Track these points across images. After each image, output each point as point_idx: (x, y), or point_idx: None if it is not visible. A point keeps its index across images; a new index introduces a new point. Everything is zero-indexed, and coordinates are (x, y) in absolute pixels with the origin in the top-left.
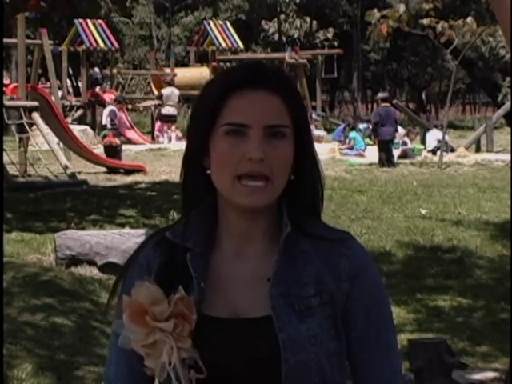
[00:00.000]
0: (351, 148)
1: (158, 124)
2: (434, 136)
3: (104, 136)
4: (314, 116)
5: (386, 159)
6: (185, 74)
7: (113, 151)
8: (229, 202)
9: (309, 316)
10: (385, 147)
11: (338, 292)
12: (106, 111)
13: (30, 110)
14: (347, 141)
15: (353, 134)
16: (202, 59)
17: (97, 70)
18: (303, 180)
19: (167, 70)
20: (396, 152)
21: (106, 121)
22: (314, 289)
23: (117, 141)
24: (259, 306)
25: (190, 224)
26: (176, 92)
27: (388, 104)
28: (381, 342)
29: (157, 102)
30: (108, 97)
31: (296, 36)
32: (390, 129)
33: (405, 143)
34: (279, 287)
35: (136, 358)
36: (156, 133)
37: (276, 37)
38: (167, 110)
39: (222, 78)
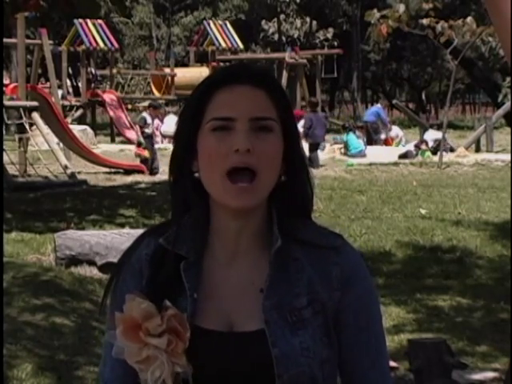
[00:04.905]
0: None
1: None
2: (430, 136)
3: (139, 144)
4: None
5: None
6: (185, 74)
7: (144, 162)
8: (219, 202)
9: (301, 328)
10: (315, 148)
11: (329, 301)
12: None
13: (30, 110)
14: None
15: (347, 137)
16: (202, 59)
17: (92, 70)
18: (292, 180)
19: (167, 70)
20: (399, 152)
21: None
22: (307, 298)
23: (146, 154)
24: (253, 319)
25: (183, 230)
26: None
27: (316, 109)
28: (371, 349)
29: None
30: (108, 97)
31: (296, 36)
32: (320, 132)
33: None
34: (272, 299)
35: None
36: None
37: (276, 37)
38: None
39: (206, 79)
